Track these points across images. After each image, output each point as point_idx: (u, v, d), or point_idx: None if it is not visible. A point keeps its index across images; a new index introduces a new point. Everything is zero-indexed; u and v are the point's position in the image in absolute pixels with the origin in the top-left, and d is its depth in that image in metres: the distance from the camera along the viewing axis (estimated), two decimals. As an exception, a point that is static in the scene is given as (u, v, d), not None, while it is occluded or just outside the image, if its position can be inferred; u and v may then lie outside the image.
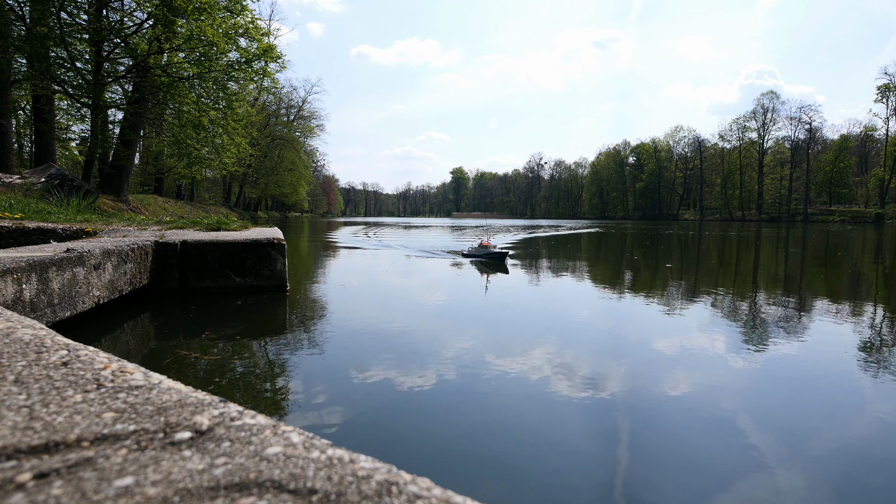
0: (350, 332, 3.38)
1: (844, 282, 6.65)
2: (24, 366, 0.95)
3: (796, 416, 2.13)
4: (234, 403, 0.80)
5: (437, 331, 3.51)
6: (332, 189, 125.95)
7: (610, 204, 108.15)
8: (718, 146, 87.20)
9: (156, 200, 22.55)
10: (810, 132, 76.42)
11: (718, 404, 2.23)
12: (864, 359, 2.98)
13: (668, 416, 2.10)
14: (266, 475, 0.59)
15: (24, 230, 4.57)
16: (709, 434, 1.94)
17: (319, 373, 2.52)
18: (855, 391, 2.43)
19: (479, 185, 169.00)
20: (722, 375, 2.64)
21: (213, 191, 51.27)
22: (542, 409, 2.13)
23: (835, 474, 1.66)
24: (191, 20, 13.17)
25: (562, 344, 3.19)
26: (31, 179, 9.72)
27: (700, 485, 1.59)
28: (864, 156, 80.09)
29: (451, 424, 1.96)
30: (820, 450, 1.83)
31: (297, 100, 54.31)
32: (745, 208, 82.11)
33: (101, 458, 0.62)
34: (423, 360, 2.78)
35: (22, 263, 2.55)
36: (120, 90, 18.53)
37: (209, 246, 4.48)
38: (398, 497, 0.56)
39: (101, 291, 3.39)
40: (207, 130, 16.56)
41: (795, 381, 2.58)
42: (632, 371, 2.69)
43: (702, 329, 3.66)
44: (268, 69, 15.36)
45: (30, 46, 11.86)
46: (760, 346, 3.27)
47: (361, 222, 42.80)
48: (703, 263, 9.64)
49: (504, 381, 2.45)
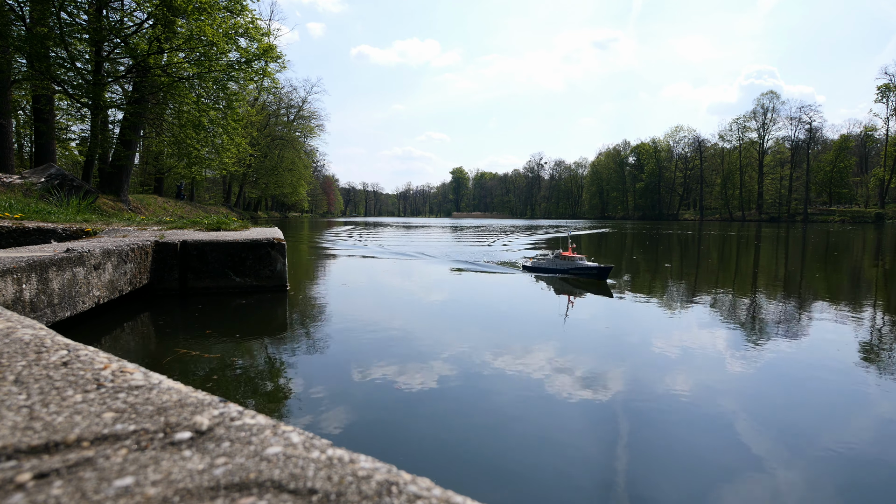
0: (350, 332, 3.38)
1: (843, 281, 6.65)
2: (24, 366, 0.95)
3: (796, 415, 2.13)
4: (234, 403, 0.80)
5: (437, 331, 3.51)
6: (332, 189, 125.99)
7: (610, 204, 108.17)
8: (718, 146, 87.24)
9: (156, 200, 22.56)
10: (810, 132, 76.43)
11: (720, 403, 2.23)
12: (863, 358, 2.98)
13: (669, 416, 2.10)
14: (266, 475, 0.59)
15: (24, 230, 4.57)
16: (710, 433, 1.94)
17: (319, 373, 2.52)
18: (855, 391, 2.43)
19: (479, 185, 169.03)
20: (727, 374, 2.64)
21: (213, 191, 51.28)
22: (544, 409, 2.13)
23: (835, 474, 1.66)
24: (191, 20, 13.17)
25: (564, 344, 3.19)
26: (31, 179, 9.72)
27: (702, 486, 1.59)
28: (864, 156, 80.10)
29: (452, 424, 1.96)
30: (820, 449, 1.83)
31: (297, 100, 54.35)
32: (745, 208, 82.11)
33: (101, 458, 0.62)
34: (424, 360, 2.78)
35: (22, 263, 2.54)
36: (120, 90, 18.53)
37: (209, 246, 4.48)
38: (398, 497, 0.56)
39: (101, 291, 3.39)
40: (207, 130, 16.56)
41: (796, 378, 2.58)
42: (633, 372, 2.69)
43: (706, 327, 3.66)
44: (268, 69, 15.36)
45: (30, 46, 11.86)
46: (762, 344, 3.27)
47: (361, 222, 42.80)
48: (741, 262, 9.65)
49: (505, 382, 2.45)
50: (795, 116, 77.30)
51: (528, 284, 5.84)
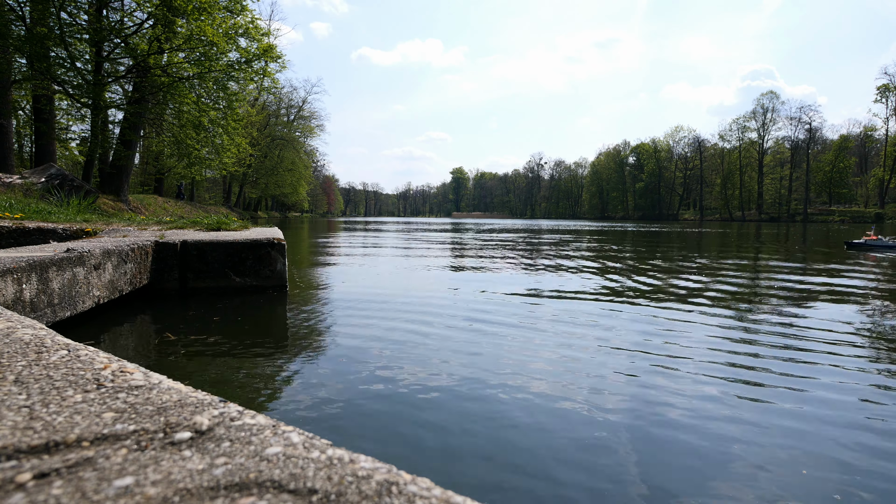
0: (350, 332, 3.37)
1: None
2: (24, 366, 0.95)
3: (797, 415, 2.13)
4: (234, 403, 0.80)
5: (439, 331, 3.51)
6: (332, 189, 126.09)
7: (610, 204, 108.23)
8: (718, 146, 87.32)
9: (156, 200, 22.57)
10: (810, 132, 76.50)
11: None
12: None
13: (674, 418, 2.10)
14: (266, 475, 0.59)
15: (25, 230, 4.57)
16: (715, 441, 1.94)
17: (319, 373, 2.53)
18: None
19: (479, 185, 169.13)
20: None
21: (213, 191, 51.31)
22: (547, 411, 2.13)
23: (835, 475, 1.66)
24: (191, 20, 13.18)
25: (571, 345, 3.19)
26: (31, 179, 9.72)
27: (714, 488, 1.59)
28: (864, 156, 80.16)
29: (453, 425, 1.96)
30: (820, 450, 1.83)
31: (297, 100, 54.41)
32: (745, 208, 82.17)
33: (101, 458, 0.62)
34: (425, 360, 2.78)
35: (22, 263, 2.55)
36: (120, 90, 18.54)
37: (209, 246, 4.48)
38: (398, 497, 0.56)
39: (101, 291, 3.39)
40: (207, 130, 16.57)
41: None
42: (641, 375, 2.69)
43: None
44: (268, 69, 15.38)
45: (30, 46, 11.87)
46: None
47: (362, 221, 42.80)
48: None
49: (508, 382, 2.45)
50: (795, 116, 77.38)
51: (538, 285, 5.84)
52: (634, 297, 5.05)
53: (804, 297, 5.12)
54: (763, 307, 4.57)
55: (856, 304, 4.78)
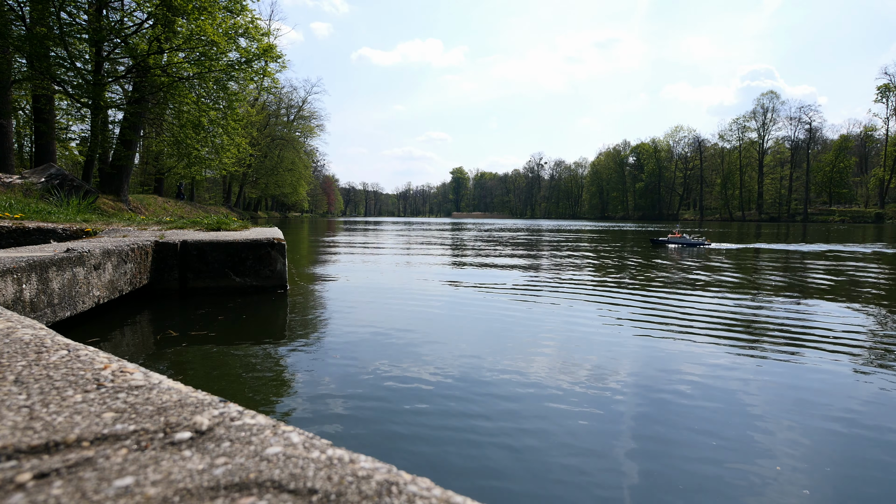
0: (350, 332, 3.37)
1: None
2: (24, 366, 0.95)
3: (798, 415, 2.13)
4: (234, 403, 0.80)
5: (440, 331, 3.51)
6: (332, 189, 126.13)
7: (610, 204, 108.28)
8: (718, 146, 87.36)
9: (156, 200, 22.56)
10: (810, 132, 76.54)
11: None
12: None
13: (679, 416, 2.10)
14: (266, 475, 0.59)
15: (24, 230, 4.57)
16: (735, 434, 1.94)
17: (319, 372, 2.53)
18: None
19: (479, 185, 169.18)
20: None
21: (213, 191, 51.32)
22: (549, 412, 2.13)
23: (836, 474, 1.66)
24: (191, 20, 13.17)
25: (572, 346, 3.19)
26: (31, 179, 9.72)
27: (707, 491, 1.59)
28: (864, 156, 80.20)
29: (453, 424, 1.96)
30: (822, 449, 1.84)
31: (297, 100, 54.42)
32: (745, 208, 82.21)
33: (101, 458, 0.62)
34: (426, 360, 2.78)
35: (22, 263, 2.55)
36: (120, 90, 18.53)
37: (209, 246, 4.48)
38: (398, 497, 0.56)
39: (101, 291, 3.39)
40: (207, 130, 16.57)
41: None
42: (643, 371, 2.69)
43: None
44: (268, 69, 15.38)
45: (30, 46, 11.87)
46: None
47: (362, 221, 42.80)
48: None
49: (509, 382, 2.45)
50: (795, 116, 77.43)
51: (537, 284, 5.84)
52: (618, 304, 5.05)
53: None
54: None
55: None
